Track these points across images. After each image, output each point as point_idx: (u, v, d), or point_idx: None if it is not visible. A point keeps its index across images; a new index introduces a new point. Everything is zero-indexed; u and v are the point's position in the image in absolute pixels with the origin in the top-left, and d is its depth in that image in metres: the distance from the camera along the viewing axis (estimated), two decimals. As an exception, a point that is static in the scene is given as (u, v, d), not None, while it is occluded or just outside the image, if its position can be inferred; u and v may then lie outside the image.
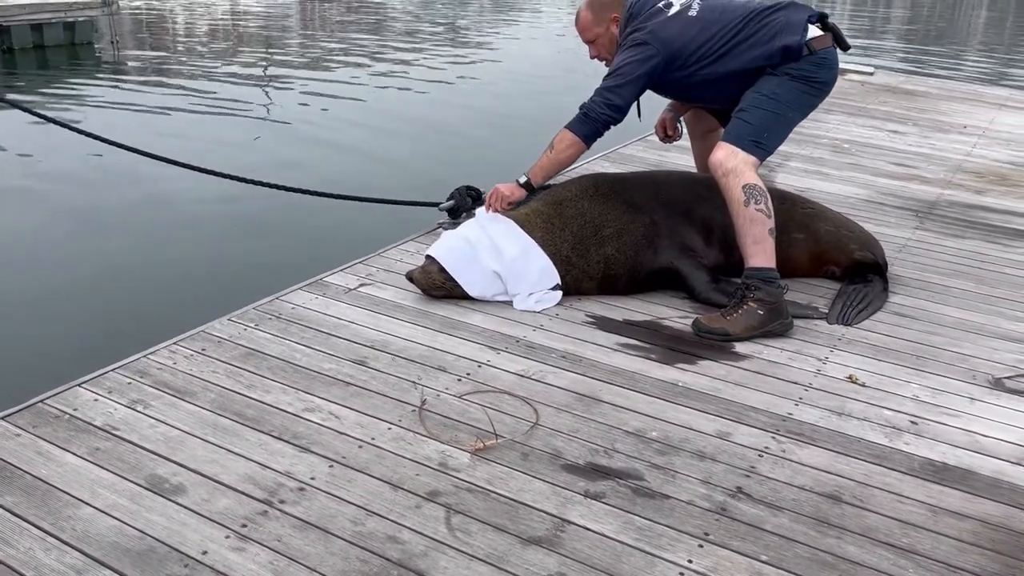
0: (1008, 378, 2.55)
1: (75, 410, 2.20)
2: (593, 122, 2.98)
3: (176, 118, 8.80)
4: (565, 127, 3.02)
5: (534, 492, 1.96)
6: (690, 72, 2.96)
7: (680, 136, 3.53)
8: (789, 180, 4.55)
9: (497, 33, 17.31)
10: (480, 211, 3.13)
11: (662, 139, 3.55)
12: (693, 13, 2.96)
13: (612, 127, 3.05)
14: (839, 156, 5.26)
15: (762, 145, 2.89)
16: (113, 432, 2.11)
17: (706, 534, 1.84)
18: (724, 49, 2.91)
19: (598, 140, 3.10)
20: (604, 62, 3.18)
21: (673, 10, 2.98)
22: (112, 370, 2.40)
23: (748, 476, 2.05)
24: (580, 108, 3.01)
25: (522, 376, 2.47)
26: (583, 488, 1.98)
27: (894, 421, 2.31)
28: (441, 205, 3.72)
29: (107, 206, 5.97)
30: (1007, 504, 1.98)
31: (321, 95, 10.21)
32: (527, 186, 3.10)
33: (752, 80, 2.92)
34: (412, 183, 5.82)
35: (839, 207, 3.83)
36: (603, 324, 2.84)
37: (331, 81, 11.14)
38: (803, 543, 1.83)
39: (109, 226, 5.61)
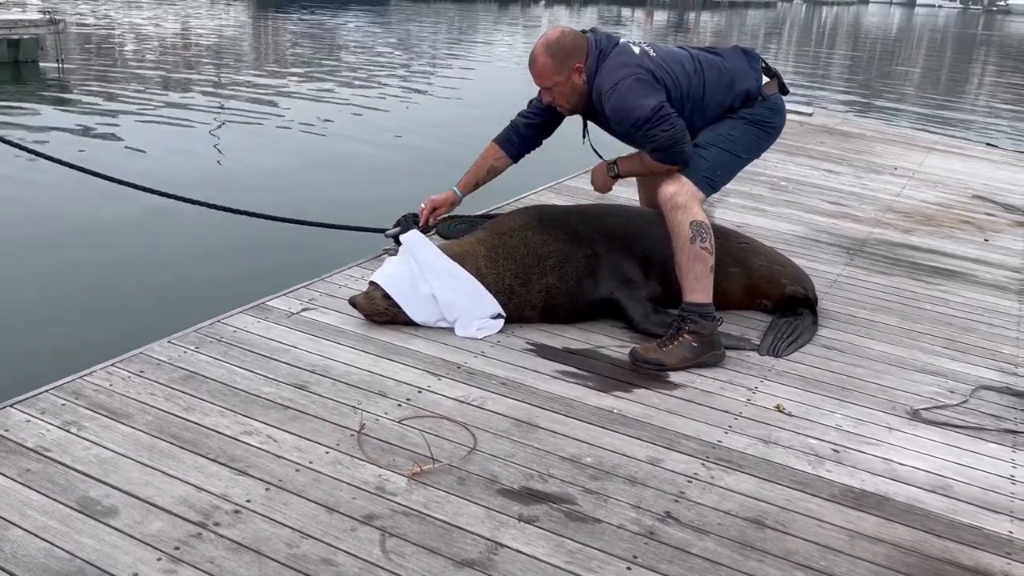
0: (925, 409, 2.67)
1: (6, 431, 2.17)
2: (684, 143, 2.85)
3: (119, 136, 8.70)
4: (657, 161, 2.90)
5: (469, 516, 1.99)
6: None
7: None
8: (728, 215, 4.70)
9: (451, 59, 17.48)
10: (406, 237, 3.13)
11: None
12: (654, 55, 2.91)
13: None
14: (776, 193, 5.44)
15: (713, 183, 2.97)
16: (45, 453, 2.09)
17: (635, 557, 1.89)
18: (697, 94, 2.91)
19: (545, 171, 3.10)
20: (559, 107, 3.06)
21: (637, 51, 2.90)
22: (46, 391, 2.37)
23: (677, 501, 2.11)
24: (659, 150, 2.85)
25: (461, 402, 2.51)
26: (517, 512, 2.02)
27: (818, 449, 2.41)
28: (387, 231, 3.75)
29: (46, 224, 5.87)
30: (920, 529, 2.08)
31: (269, 116, 10.19)
32: (612, 170, 3.04)
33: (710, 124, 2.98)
34: (358, 208, 5.84)
35: (775, 243, 3.97)
36: (543, 352, 2.90)
37: (279, 102, 11.13)
38: (727, 566, 1.89)
39: (47, 245, 5.52)
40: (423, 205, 3.28)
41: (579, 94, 2.97)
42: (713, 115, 2.98)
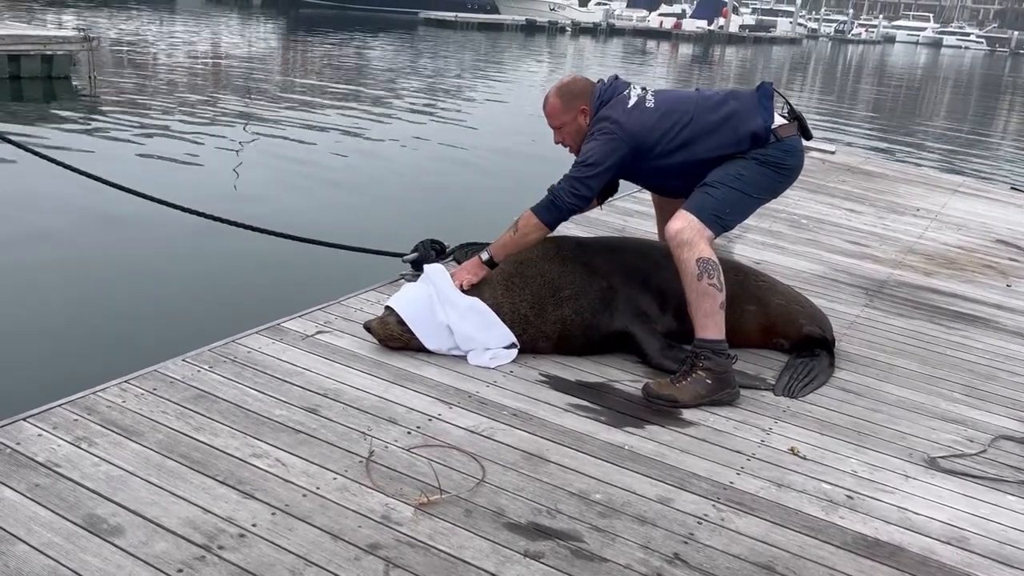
0: (943, 458, 2.63)
1: (18, 444, 2.18)
2: (559, 210, 3.00)
3: (145, 153, 8.81)
4: (531, 210, 3.02)
5: (474, 549, 1.97)
6: (657, 161, 3.00)
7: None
8: (746, 252, 4.68)
9: (476, 91, 17.62)
10: (429, 269, 3.15)
11: None
12: (651, 104, 3.02)
13: (576, 215, 3.08)
14: (796, 231, 5.41)
15: (722, 221, 2.97)
16: (54, 469, 2.09)
17: (641, 599, 1.86)
18: (687, 137, 2.97)
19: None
20: (568, 148, 3.18)
21: (632, 102, 3.02)
22: (59, 405, 2.38)
23: (686, 542, 2.08)
24: (548, 192, 3.01)
25: (472, 432, 2.50)
26: (523, 547, 2.00)
27: (831, 495, 2.37)
28: (405, 257, 3.77)
29: (65, 239, 5.93)
30: (934, 582, 2.04)
31: (294, 139, 10.29)
32: (490, 263, 3.09)
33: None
34: (377, 233, 5.86)
35: (793, 281, 3.95)
36: (556, 383, 2.88)
37: (305, 126, 11.24)
38: (735, 612, 1.86)
39: (65, 259, 5.57)
40: None
41: (584, 136, 3.08)
42: (718, 156, 2.99)
